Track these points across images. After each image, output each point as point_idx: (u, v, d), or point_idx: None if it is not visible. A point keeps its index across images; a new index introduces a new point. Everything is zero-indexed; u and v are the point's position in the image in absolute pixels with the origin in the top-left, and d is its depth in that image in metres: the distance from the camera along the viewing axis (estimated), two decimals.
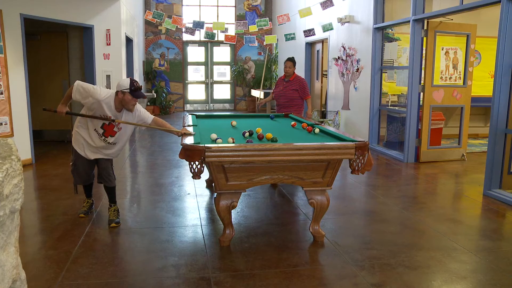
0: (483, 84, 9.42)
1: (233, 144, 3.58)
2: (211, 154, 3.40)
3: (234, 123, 5.15)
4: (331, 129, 4.56)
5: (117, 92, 4.05)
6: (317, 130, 4.53)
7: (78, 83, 4.07)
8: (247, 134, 4.26)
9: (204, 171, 3.65)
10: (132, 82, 4.01)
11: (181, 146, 3.53)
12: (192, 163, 3.48)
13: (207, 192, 5.55)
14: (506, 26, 5.15)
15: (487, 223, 4.58)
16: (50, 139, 9.24)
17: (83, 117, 4.18)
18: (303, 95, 6.59)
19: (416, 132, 7.37)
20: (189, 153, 3.42)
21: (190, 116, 5.48)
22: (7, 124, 6.60)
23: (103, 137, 4.18)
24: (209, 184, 5.77)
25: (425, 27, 7.13)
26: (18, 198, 1.47)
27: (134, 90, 3.99)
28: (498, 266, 3.47)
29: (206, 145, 3.42)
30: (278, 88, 6.70)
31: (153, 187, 5.79)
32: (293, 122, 5.15)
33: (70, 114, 4.23)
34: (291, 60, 6.62)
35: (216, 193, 3.78)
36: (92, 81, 8.52)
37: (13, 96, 6.74)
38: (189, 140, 3.65)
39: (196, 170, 3.50)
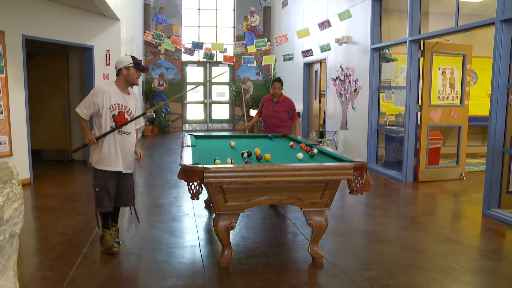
0: (480, 104, 9.48)
1: (231, 165, 3.59)
2: (210, 175, 3.41)
3: (232, 143, 5.17)
4: (329, 149, 4.57)
5: (119, 70, 4.12)
6: (315, 151, 4.54)
7: (78, 108, 4.04)
8: (245, 154, 4.27)
9: (203, 192, 3.65)
10: (133, 57, 4.16)
11: (180, 167, 3.54)
12: (190, 183, 3.48)
13: (205, 213, 5.53)
14: (501, 47, 5.22)
15: (487, 243, 4.56)
16: (48, 158, 9.24)
17: (111, 132, 4.08)
18: (292, 116, 6.61)
19: (414, 152, 7.39)
20: (187, 173, 3.43)
21: (189, 136, 5.50)
22: (6, 143, 6.61)
23: (118, 130, 4.11)
24: (208, 204, 5.75)
25: (422, 48, 7.22)
26: (18, 222, 1.47)
27: (137, 63, 4.14)
28: (498, 287, 3.46)
29: (204, 165, 3.43)
30: (267, 109, 6.64)
31: (152, 207, 5.78)
32: (291, 143, 5.17)
33: (101, 136, 4.04)
34: (279, 81, 6.60)
35: (214, 214, 3.78)
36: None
37: (13, 116, 6.78)
38: (188, 161, 3.65)
39: (194, 190, 3.50)
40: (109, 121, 4.04)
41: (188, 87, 16.12)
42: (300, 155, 4.16)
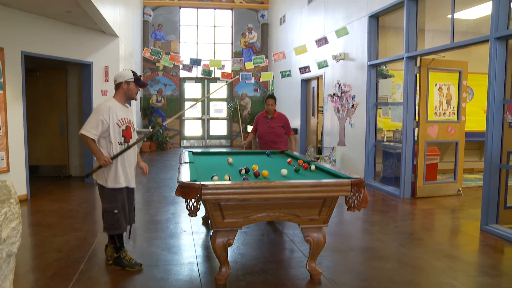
0: (476, 119, 9.53)
1: (229, 182, 3.59)
2: (208, 191, 3.41)
3: (230, 160, 5.17)
4: (326, 165, 4.58)
5: (119, 84, 4.12)
6: (313, 167, 4.55)
7: (84, 131, 3.92)
8: (243, 171, 4.28)
9: (201, 208, 3.64)
10: (134, 71, 4.16)
11: (178, 183, 3.54)
12: (188, 200, 3.48)
13: (203, 229, 5.51)
14: (496, 63, 5.27)
15: (486, 259, 4.55)
16: (46, 174, 9.23)
17: (128, 149, 4.08)
18: (287, 131, 6.72)
19: (411, 168, 7.40)
20: (185, 190, 3.43)
21: (187, 152, 5.51)
22: (3, 159, 6.61)
23: (126, 144, 4.12)
24: (205, 221, 5.74)
25: (418, 64, 7.27)
26: (15, 242, 1.47)
27: (138, 79, 4.15)
28: None
29: (202, 182, 3.43)
30: (263, 126, 6.74)
31: (149, 224, 5.76)
32: (289, 159, 5.17)
33: (116, 156, 4.02)
34: (273, 97, 6.75)
35: (212, 231, 3.77)
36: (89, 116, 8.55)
37: (11, 132, 6.78)
38: (186, 178, 3.66)
39: (192, 207, 3.50)
40: (118, 137, 4.03)
41: (186, 104, 16.19)
42: (284, 171, 4.18)
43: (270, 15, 16.30)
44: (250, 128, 14.77)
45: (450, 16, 6.40)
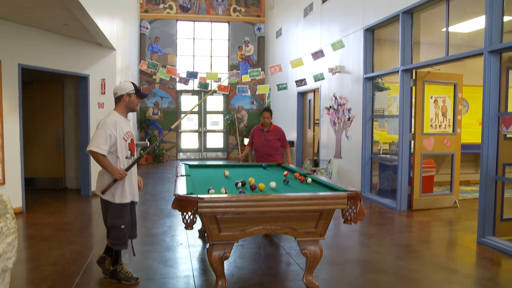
0: (472, 131, 9.57)
1: (225, 195, 3.59)
2: (204, 205, 3.41)
3: (226, 173, 5.18)
4: (323, 178, 4.59)
5: (121, 97, 4.10)
6: (309, 180, 4.56)
7: (93, 147, 3.85)
8: (239, 184, 4.28)
9: (197, 221, 3.63)
10: (134, 83, 4.16)
11: (174, 196, 3.53)
12: (184, 213, 3.47)
13: (199, 242, 5.49)
14: (490, 76, 5.32)
15: (483, 271, 4.55)
16: (42, 187, 9.20)
17: (139, 159, 4.11)
18: (283, 144, 6.75)
19: (408, 180, 7.42)
20: (182, 203, 3.43)
21: (183, 165, 5.51)
22: None
23: (132, 157, 4.14)
24: (202, 234, 5.71)
25: (414, 77, 7.33)
26: (11, 257, 1.46)
27: (138, 90, 4.16)
28: None
29: (198, 195, 3.43)
30: (259, 139, 6.76)
31: (145, 237, 5.73)
32: (285, 172, 5.18)
33: (129, 167, 4.02)
34: (269, 110, 6.79)
35: (208, 244, 3.76)
36: (86, 129, 8.58)
37: (7, 144, 6.78)
38: (182, 191, 3.65)
39: (188, 220, 3.49)
40: (125, 151, 4.02)
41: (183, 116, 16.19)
42: (272, 184, 4.18)
43: (266, 28, 16.41)
44: (246, 141, 14.77)
45: (444, 29, 6.46)
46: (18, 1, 5.83)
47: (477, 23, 6.65)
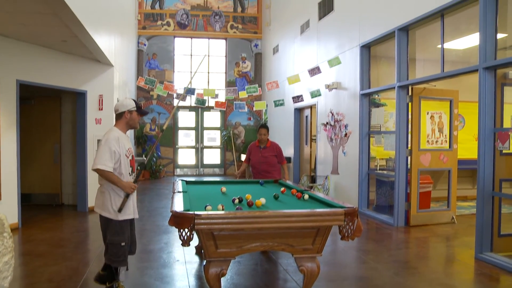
0: (468, 147, 9.60)
1: (222, 212, 3.59)
2: (201, 221, 3.40)
3: (224, 189, 5.17)
4: (320, 195, 4.59)
5: (122, 114, 4.10)
6: (306, 197, 4.56)
7: (99, 165, 3.84)
8: (236, 201, 4.28)
9: (194, 237, 3.62)
10: (135, 100, 4.18)
11: (171, 213, 3.52)
12: (181, 230, 3.46)
13: (196, 259, 5.46)
14: (485, 92, 5.37)
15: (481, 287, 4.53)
16: (38, 202, 9.16)
17: (141, 172, 4.15)
18: (280, 160, 6.77)
19: (405, 196, 7.42)
20: (178, 220, 3.42)
21: (180, 182, 5.51)
22: None
23: (133, 174, 4.16)
24: (199, 250, 5.68)
25: (410, 93, 7.37)
26: (7, 276, 1.45)
27: (140, 107, 4.17)
28: None
29: (195, 212, 3.42)
30: (256, 156, 6.77)
31: (142, 253, 5.69)
32: (282, 188, 5.18)
33: (137, 179, 4.12)
34: (265, 127, 6.81)
35: (205, 260, 3.74)
36: (83, 145, 8.58)
37: (3, 159, 6.76)
38: (179, 207, 3.65)
39: (185, 237, 3.48)
40: (127, 167, 4.03)
41: (180, 132, 16.25)
42: (262, 200, 4.19)
43: (263, 45, 16.53)
44: (243, 157, 14.77)
45: (440, 46, 6.53)
46: (18, 19, 5.88)
47: (471, 40, 6.73)
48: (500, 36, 5.39)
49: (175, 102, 15.82)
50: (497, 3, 5.35)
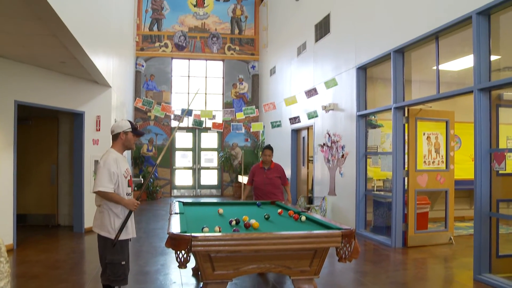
0: (465, 167, 9.62)
1: (219, 233, 3.58)
2: (198, 243, 3.39)
3: (221, 211, 5.16)
4: (317, 216, 4.58)
5: (117, 135, 4.11)
6: (303, 218, 4.55)
7: (100, 187, 3.86)
8: (233, 222, 4.27)
9: (191, 259, 3.60)
10: (131, 121, 4.19)
11: (168, 235, 3.51)
12: (178, 252, 3.44)
13: (193, 281, 5.41)
14: (481, 113, 5.42)
15: None
16: (34, 223, 9.11)
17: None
18: (283, 182, 6.77)
19: (402, 217, 7.40)
20: (175, 242, 3.40)
21: (177, 203, 5.49)
22: None
23: (132, 193, 4.17)
24: (195, 272, 5.64)
25: (406, 114, 7.42)
26: None
27: (135, 128, 4.19)
28: None
29: (192, 234, 3.41)
30: (260, 177, 6.76)
31: (138, 275, 5.64)
32: (279, 210, 5.17)
33: (140, 196, 4.16)
34: (270, 148, 6.83)
35: (202, 283, 3.71)
36: (80, 166, 8.58)
37: (0, 180, 6.74)
38: (176, 229, 3.63)
39: (182, 259, 3.46)
40: (126, 188, 4.04)
41: (177, 153, 16.25)
42: (252, 221, 4.17)
43: (260, 66, 16.67)
44: (240, 178, 14.75)
45: (435, 67, 6.61)
46: (17, 40, 5.94)
47: (466, 62, 6.80)
48: (493, 58, 5.46)
49: (173, 123, 15.88)
50: (490, 26, 5.44)
